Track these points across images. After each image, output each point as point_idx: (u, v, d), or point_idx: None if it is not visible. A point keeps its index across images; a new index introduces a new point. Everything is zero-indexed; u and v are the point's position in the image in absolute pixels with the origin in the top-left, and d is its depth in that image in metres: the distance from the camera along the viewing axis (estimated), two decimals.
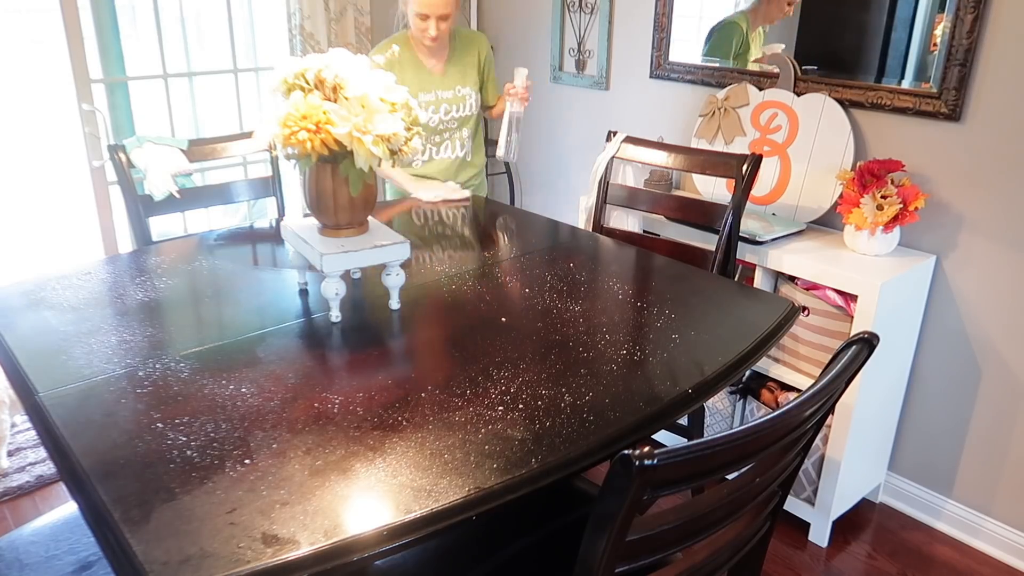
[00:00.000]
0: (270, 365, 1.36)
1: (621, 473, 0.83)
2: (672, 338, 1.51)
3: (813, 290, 2.13)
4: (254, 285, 1.73)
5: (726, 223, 2.04)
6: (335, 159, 1.45)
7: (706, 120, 2.55)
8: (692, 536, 1.02)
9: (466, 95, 2.49)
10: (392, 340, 1.50)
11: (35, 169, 3.96)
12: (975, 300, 2.12)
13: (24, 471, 2.49)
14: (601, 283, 1.81)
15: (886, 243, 2.10)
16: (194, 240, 2.03)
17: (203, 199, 2.31)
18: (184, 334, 1.49)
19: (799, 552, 2.22)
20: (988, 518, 2.22)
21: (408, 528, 0.97)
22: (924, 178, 2.13)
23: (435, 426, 1.18)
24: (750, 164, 2.03)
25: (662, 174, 2.62)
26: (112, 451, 1.10)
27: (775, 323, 1.56)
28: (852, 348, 1.11)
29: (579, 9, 2.98)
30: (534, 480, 1.08)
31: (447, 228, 2.19)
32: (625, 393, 1.31)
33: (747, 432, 0.92)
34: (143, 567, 0.89)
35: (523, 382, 1.31)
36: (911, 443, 2.34)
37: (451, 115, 2.48)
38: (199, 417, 1.19)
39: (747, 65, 2.49)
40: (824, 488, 2.17)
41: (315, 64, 1.45)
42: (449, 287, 1.73)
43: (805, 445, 1.15)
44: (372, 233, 1.58)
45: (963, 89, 2.00)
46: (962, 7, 1.95)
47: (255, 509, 0.99)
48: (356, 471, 1.07)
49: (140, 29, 3.21)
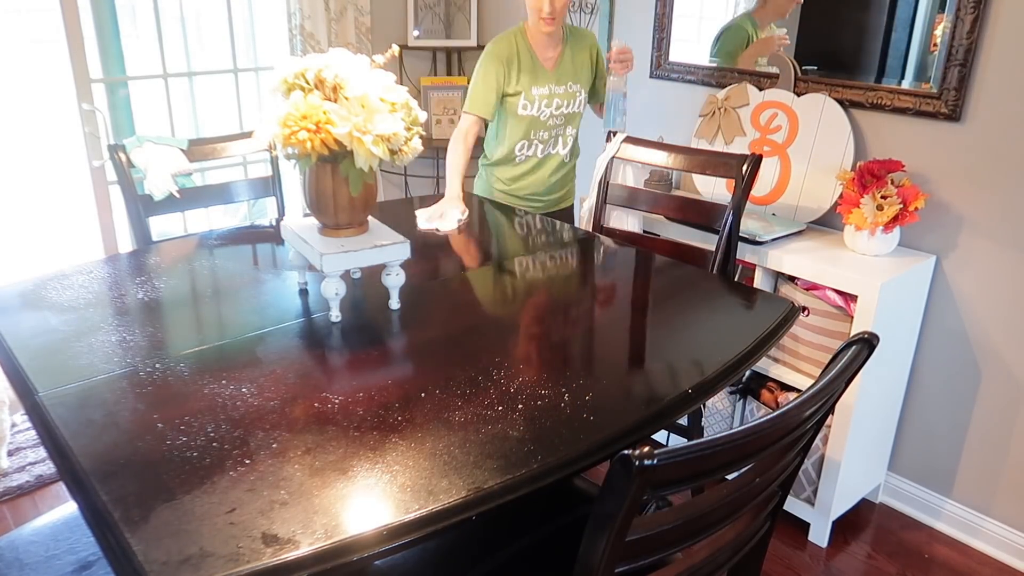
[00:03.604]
0: (270, 365, 1.36)
1: (621, 473, 0.83)
2: (672, 338, 1.51)
3: (813, 290, 2.13)
4: (254, 285, 1.73)
5: (726, 223, 2.04)
6: (335, 159, 1.45)
7: (706, 120, 2.55)
8: (692, 536, 1.02)
9: (576, 91, 2.44)
10: (392, 340, 1.50)
11: (35, 169, 3.96)
12: (975, 300, 2.12)
13: (24, 471, 2.49)
14: (601, 283, 1.81)
15: (886, 243, 2.10)
16: (194, 240, 2.03)
17: (203, 199, 2.31)
18: (184, 334, 1.49)
19: (799, 552, 2.22)
20: (988, 518, 2.22)
21: (408, 528, 0.97)
22: (924, 178, 2.13)
23: (435, 426, 1.18)
24: (750, 164, 2.03)
25: (662, 174, 2.62)
26: (112, 451, 1.10)
27: (775, 323, 1.56)
28: (852, 348, 1.11)
29: (579, 9, 2.98)
30: (534, 480, 1.08)
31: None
32: (625, 393, 1.31)
33: (747, 432, 0.92)
34: (143, 567, 0.89)
35: (523, 382, 1.31)
36: (911, 443, 2.34)
37: (561, 111, 2.42)
38: (199, 417, 1.19)
39: (756, 65, 2.49)
40: (824, 488, 2.17)
41: (315, 64, 1.45)
42: (449, 287, 1.73)
43: (805, 445, 1.15)
44: (372, 233, 1.58)
45: (963, 89, 2.00)
46: (962, 7, 1.95)
47: (255, 509, 0.99)
48: (356, 471, 1.07)
49: (140, 29, 3.21)
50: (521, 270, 1.85)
